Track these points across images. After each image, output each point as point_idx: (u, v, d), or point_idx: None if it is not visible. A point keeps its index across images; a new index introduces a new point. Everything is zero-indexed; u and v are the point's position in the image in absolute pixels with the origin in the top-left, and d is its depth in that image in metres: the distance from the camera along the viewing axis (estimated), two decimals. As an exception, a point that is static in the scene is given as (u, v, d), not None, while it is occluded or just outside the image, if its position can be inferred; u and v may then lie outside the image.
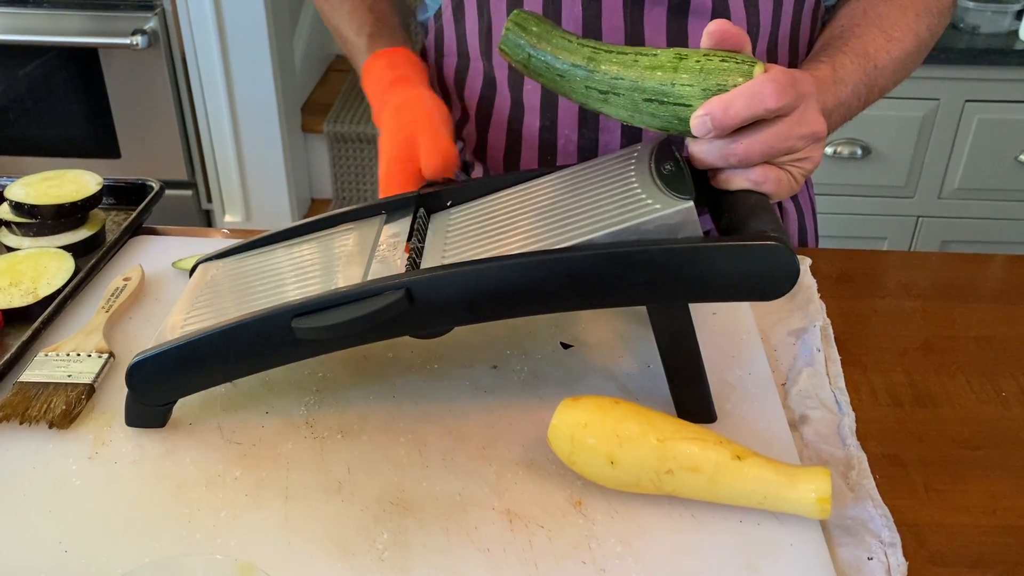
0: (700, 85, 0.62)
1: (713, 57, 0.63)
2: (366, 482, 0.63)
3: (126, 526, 0.60)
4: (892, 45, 0.81)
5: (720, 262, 0.59)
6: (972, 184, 2.02)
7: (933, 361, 0.78)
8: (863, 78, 0.78)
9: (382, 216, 0.74)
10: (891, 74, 0.82)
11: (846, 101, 0.77)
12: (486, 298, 0.62)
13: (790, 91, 0.60)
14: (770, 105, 0.60)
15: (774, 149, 0.62)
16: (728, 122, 0.61)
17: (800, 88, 0.62)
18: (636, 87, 0.65)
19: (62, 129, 2.35)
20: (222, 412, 0.69)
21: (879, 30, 0.81)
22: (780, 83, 0.60)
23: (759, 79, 0.60)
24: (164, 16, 2.21)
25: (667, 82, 0.63)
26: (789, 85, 0.60)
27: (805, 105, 0.63)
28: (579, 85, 0.68)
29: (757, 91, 0.60)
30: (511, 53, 0.70)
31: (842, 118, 0.79)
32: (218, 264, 0.76)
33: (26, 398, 0.69)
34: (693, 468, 0.59)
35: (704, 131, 0.61)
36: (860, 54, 0.79)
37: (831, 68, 0.77)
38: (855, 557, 0.58)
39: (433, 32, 0.94)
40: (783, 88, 0.60)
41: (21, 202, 0.87)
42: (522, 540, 0.59)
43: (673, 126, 0.65)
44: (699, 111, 0.61)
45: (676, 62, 0.63)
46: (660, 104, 0.64)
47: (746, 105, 0.60)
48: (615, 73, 0.65)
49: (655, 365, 0.73)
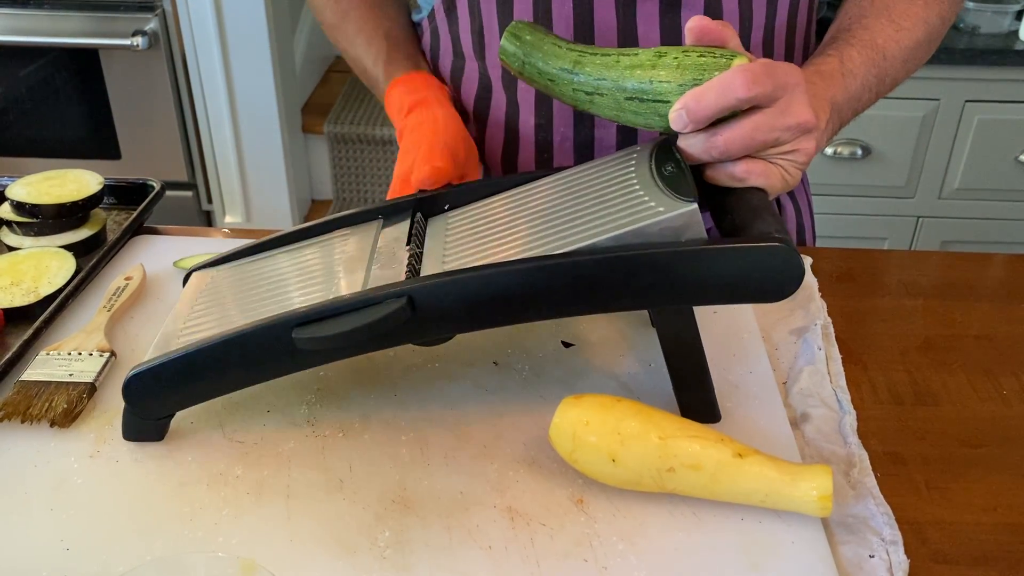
0: (677, 81, 0.63)
1: (691, 53, 0.63)
2: (368, 480, 0.63)
3: (128, 524, 0.60)
4: (902, 35, 0.80)
5: (725, 264, 0.59)
6: (972, 184, 2.02)
7: (934, 359, 0.78)
8: (872, 70, 0.78)
9: (379, 220, 0.73)
10: (902, 64, 0.81)
11: (856, 94, 0.76)
12: (489, 305, 0.61)
13: (764, 80, 0.60)
14: (740, 94, 0.60)
15: (755, 140, 0.62)
16: (701, 113, 0.61)
17: (779, 78, 0.61)
18: (617, 86, 0.66)
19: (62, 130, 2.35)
20: (223, 411, 0.69)
21: (887, 20, 0.80)
22: (753, 72, 0.60)
23: (732, 70, 0.60)
24: (164, 17, 2.22)
25: (646, 80, 0.64)
26: (764, 75, 0.60)
27: (790, 96, 0.62)
28: (567, 88, 0.70)
29: (728, 82, 0.60)
30: (509, 62, 0.74)
31: (853, 112, 0.78)
32: (213, 271, 0.75)
33: (27, 397, 0.69)
34: (695, 466, 0.59)
35: (681, 125, 0.62)
36: (869, 45, 0.78)
37: (839, 61, 0.76)
38: (856, 555, 0.58)
39: (428, 33, 0.94)
40: (756, 77, 0.60)
41: (22, 201, 0.87)
42: (524, 538, 0.59)
43: (655, 123, 0.66)
44: (675, 105, 0.62)
45: (655, 60, 0.65)
46: (640, 102, 0.65)
47: (716, 96, 0.60)
48: (598, 74, 0.67)
49: (657, 363, 0.73)
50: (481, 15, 0.86)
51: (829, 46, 0.79)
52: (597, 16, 0.81)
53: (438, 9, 0.90)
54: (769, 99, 0.61)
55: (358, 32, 0.93)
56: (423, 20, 0.95)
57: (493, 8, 0.85)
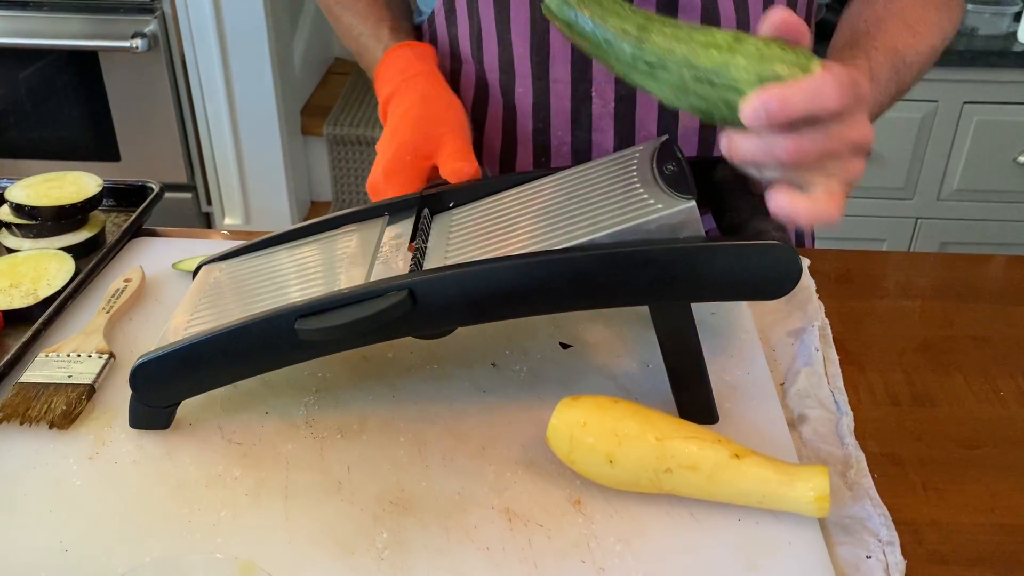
0: (757, 71, 0.57)
1: (773, 45, 0.57)
2: (366, 482, 0.63)
3: (126, 526, 0.60)
4: (918, 40, 0.78)
5: (722, 262, 0.60)
6: (971, 185, 2.02)
7: (931, 361, 0.78)
8: (893, 75, 0.76)
9: (385, 217, 0.74)
10: (917, 70, 0.79)
11: (878, 100, 0.74)
12: (489, 298, 0.62)
13: (850, 93, 0.56)
14: (831, 106, 0.55)
15: (827, 151, 0.57)
16: (784, 115, 0.56)
17: (860, 91, 0.57)
18: (688, 63, 0.59)
19: (62, 132, 2.35)
20: (222, 412, 0.70)
21: (904, 25, 0.78)
22: (843, 83, 0.55)
23: (821, 75, 0.56)
24: (164, 19, 2.22)
25: (722, 62, 0.58)
26: (850, 86, 0.56)
27: (859, 109, 0.58)
28: (625, 54, 0.62)
29: (819, 88, 0.55)
30: (556, 11, 0.64)
31: (873, 118, 0.74)
32: (221, 266, 0.76)
33: (26, 399, 0.69)
34: (692, 467, 0.59)
35: (756, 121, 0.56)
36: (890, 50, 0.76)
37: (868, 67, 0.73)
38: (853, 556, 0.58)
39: (427, 36, 0.94)
40: (845, 89, 0.55)
41: (21, 204, 0.87)
42: (521, 539, 0.59)
43: (719, 111, 0.60)
44: (753, 99, 0.56)
45: (733, 43, 0.58)
46: (711, 85, 0.59)
47: (805, 100, 0.55)
48: (666, 45, 0.60)
49: (654, 364, 0.73)
50: (480, 18, 0.86)
51: (854, 49, 0.76)
52: None
53: (438, 11, 0.90)
54: (848, 111, 0.57)
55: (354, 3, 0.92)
56: (423, 23, 0.95)
57: (491, 11, 0.85)
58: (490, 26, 0.85)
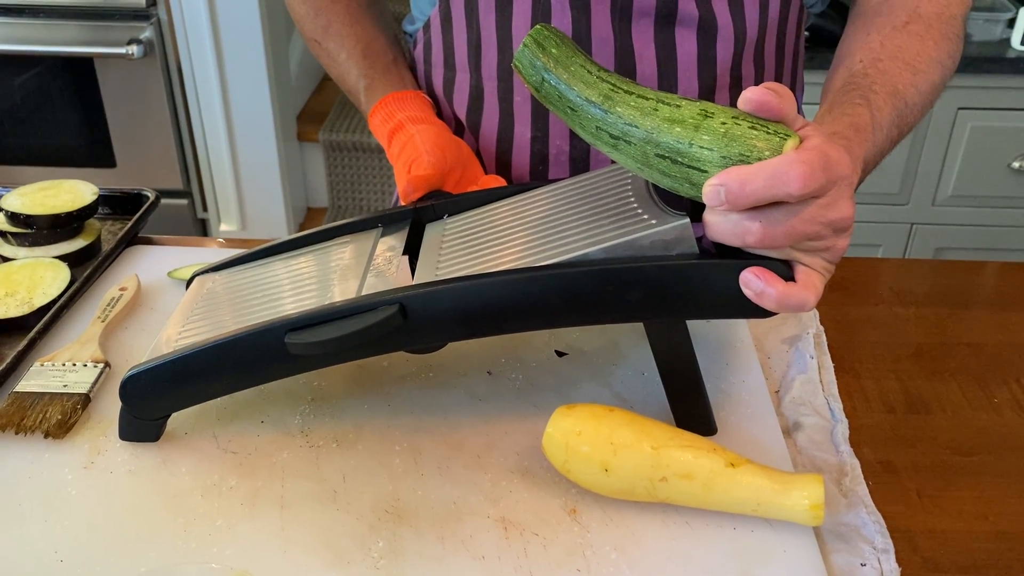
0: (720, 151, 0.56)
1: (742, 122, 0.56)
2: (361, 491, 0.63)
3: (122, 536, 0.60)
4: (918, 78, 0.75)
5: (716, 280, 0.59)
6: (965, 191, 2.03)
7: (926, 368, 0.78)
8: (895, 119, 0.73)
9: (378, 229, 0.74)
10: (920, 110, 0.76)
11: (881, 146, 0.72)
12: (480, 314, 0.62)
13: (819, 176, 0.54)
14: (793, 190, 0.53)
15: (796, 234, 0.56)
16: (743, 200, 0.54)
17: (832, 172, 0.55)
18: (650, 139, 0.58)
19: (57, 139, 2.35)
20: (218, 422, 0.70)
21: (903, 64, 0.75)
22: (810, 166, 0.53)
23: (787, 157, 0.54)
24: (159, 26, 2.22)
25: (685, 140, 0.57)
26: (820, 169, 0.54)
27: (837, 189, 0.56)
28: (590, 124, 0.61)
29: (782, 171, 0.53)
30: (524, 72, 0.64)
31: (875, 164, 0.73)
32: (214, 277, 0.76)
33: (21, 408, 0.69)
34: (687, 475, 0.59)
35: (716, 202, 0.55)
36: (892, 94, 0.73)
37: (870, 114, 0.70)
38: (848, 563, 0.58)
39: (421, 44, 0.94)
40: (812, 172, 0.53)
41: (17, 212, 0.87)
42: (517, 548, 0.59)
43: (684, 189, 0.59)
44: (713, 179, 0.55)
45: (699, 120, 0.57)
46: (673, 163, 0.58)
47: (766, 185, 0.54)
48: (630, 118, 0.59)
49: (649, 373, 0.73)
50: (479, 26, 0.86)
51: (853, 95, 0.72)
52: (594, 31, 0.82)
53: (434, 19, 0.90)
54: (820, 193, 0.55)
55: (339, 49, 0.94)
56: (417, 31, 0.95)
57: (492, 19, 0.85)
58: (490, 34, 0.85)
